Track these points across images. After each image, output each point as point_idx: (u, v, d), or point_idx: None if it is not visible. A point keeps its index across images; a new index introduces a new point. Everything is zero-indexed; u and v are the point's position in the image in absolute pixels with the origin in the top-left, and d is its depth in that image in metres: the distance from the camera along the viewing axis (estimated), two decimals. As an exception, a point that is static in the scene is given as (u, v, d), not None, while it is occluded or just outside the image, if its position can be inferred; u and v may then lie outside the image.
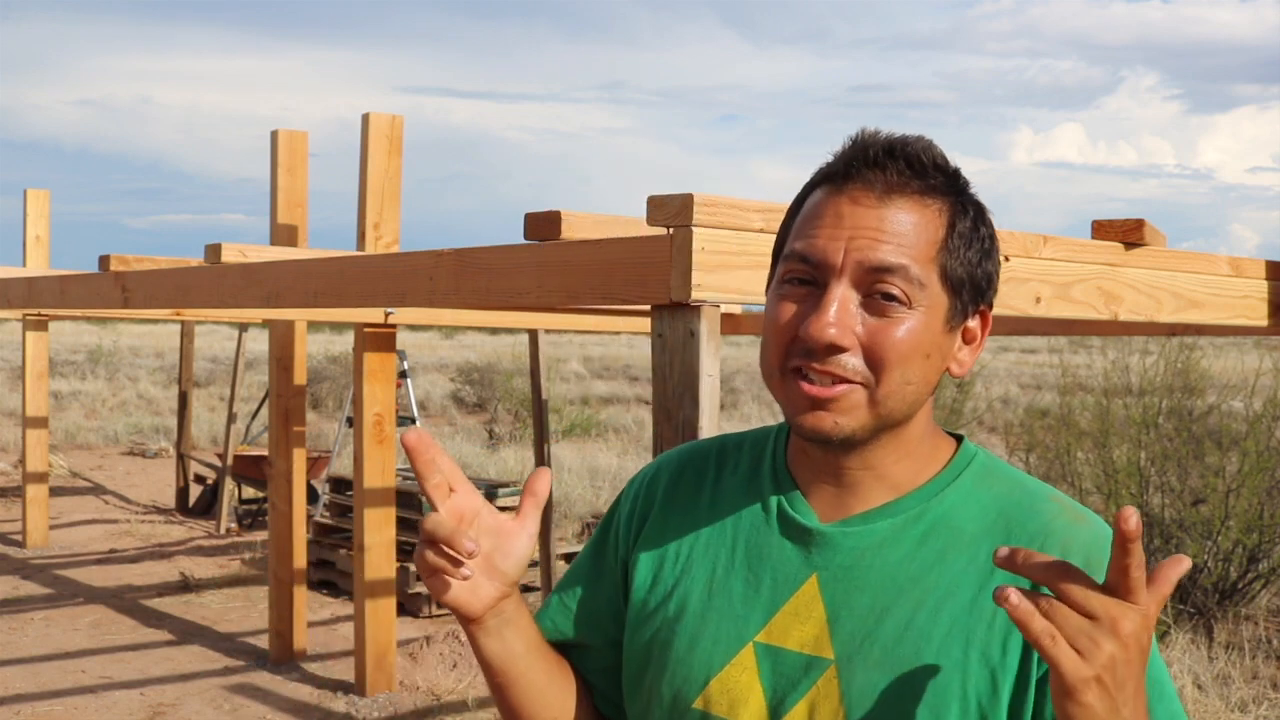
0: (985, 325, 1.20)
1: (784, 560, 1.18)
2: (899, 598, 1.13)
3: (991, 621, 1.10)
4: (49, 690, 5.81)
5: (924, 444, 1.19)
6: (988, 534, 1.14)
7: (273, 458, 6.33)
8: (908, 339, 1.10)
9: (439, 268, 2.81)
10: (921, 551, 1.14)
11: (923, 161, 1.13)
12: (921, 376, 1.13)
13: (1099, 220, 2.76)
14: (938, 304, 1.13)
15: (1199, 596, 6.86)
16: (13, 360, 22.62)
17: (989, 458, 1.22)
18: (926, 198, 1.13)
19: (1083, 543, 1.13)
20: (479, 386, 19.75)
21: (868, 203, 1.11)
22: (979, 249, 1.16)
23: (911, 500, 1.17)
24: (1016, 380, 23.23)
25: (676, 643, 1.20)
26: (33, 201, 9.03)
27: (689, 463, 1.31)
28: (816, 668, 1.13)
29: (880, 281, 1.10)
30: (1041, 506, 1.16)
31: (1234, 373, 9.11)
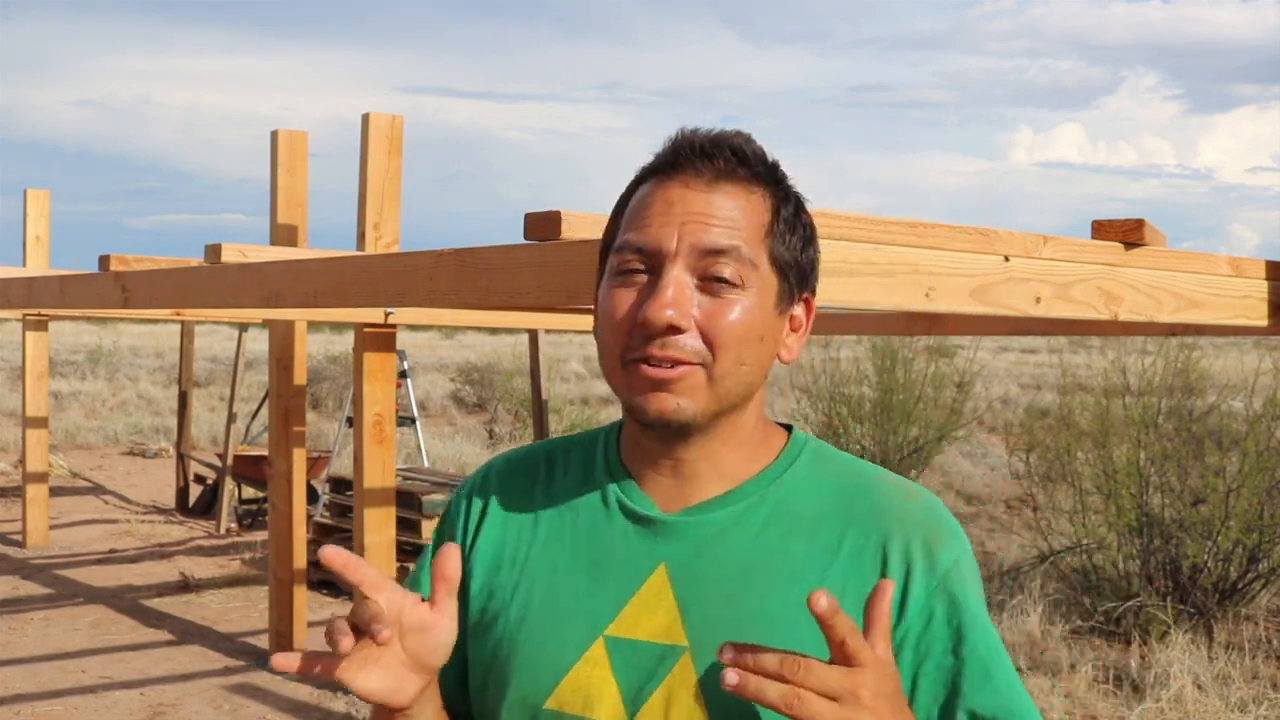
0: (810, 313, 1.24)
1: (629, 552, 1.19)
2: (747, 582, 1.16)
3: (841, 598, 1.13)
4: (49, 690, 5.81)
5: (757, 433, 1.23)
6: (827, 516, 1.19)
7: (273, 458, 6.33)
8: (742, 318, 1.14)
9: (439, 268, 2.81)
10: (764, 536, 1.18)
11: (745, 152, 1.17)
12: (755, 358, 1.16)
13: (1099, 220, 2.76)
14: (768, 286, 1.16)
15: (1199, 596, 6.85)
16: (13, 360, 22.61)
17: (819, 444, 1.27)
18: (752, 185, 1.17)
19: (916, 517, 1.19)
20: (479, 386, 19.75)
21: (698, 188, 1.15)
22: (801, 236, 1.20)
23: (750, 487, 1.20)
24: (1016, 380, 23.22)
25: (522, 646, 1.19)
26: (33, 201, 9.02)
27: (516, 468, 1.31)
28: (671, 656, 1.14)
29: (714, 264, 1.13)
30: (875, 486, 1.21)
31: (1234, 373, 9.11)
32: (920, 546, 1.16)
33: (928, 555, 1.16)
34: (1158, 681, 5.75)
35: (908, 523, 1.18)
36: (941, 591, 1.16)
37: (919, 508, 1.20)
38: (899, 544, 1.16)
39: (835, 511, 1.19)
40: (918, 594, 1.15)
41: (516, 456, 1.33)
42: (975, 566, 1.21)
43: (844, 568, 1.16)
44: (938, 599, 1.16)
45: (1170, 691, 5.55)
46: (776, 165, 1.20)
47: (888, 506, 1.19)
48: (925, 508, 1.20)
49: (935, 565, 1.16)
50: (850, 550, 1.17)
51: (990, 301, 2.44)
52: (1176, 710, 5.42)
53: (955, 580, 1.17)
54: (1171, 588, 6.91)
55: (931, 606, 1.15)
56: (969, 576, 1.18)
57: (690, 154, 1.16)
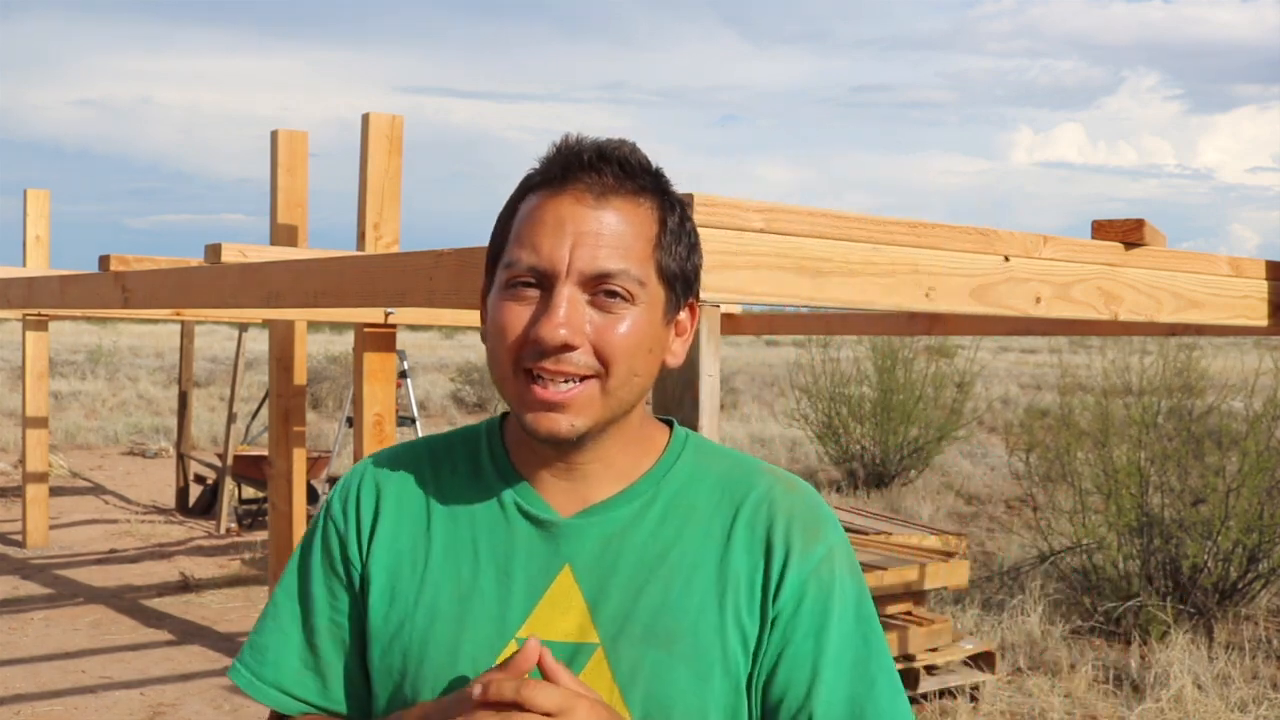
0: (694, 317, 1.28)
1: (532, 554, 1.22)
2: (651, 576, 1.20)
3: (737, 585, 1.21)
4: (49, 690, 5.81)
5: (642, 430, 1.27)
6: (718, 507, 1.24)
7: (273, 458, 6.33)
8: (632, 334, 1.18)
9: (439, 268, 2.81)
10: (662, 530, 1.23)
11: (631, 164, 1.20)
12: (646, 368, 1.20)
13: (1099, 220, 2.76)
14: (656, 299, 1.20)
15: (1199, 596, 6.85)
16: (13, 360, 22.62)
17: (698, 438, 1.32)
18: (639, 198, 1.19)
19: (796, 508, 1.25)
20: (479, 386, 19.75)
21: (587, 204, 1.17)
22: (687, 244, 1.24)
23: (643, 485, 1.25)
24: (1016, 380, 23.22)
25: (434, 651, 1.20)
26: (33, 201, 9.02)
27: (399, 468, 1.30)
28: (583, 653, 1.18)
29: (605, 282, 1.16)
30: (758, 479, 1.27)
31: (1234, 373, 9.11)
32: (799, 534, 1.23)
33: (804, 542, 1.22)
34: (1158, 681, 5.75)
35: (789, 514, 1.24)
36: (814, 577, 1.21)
37: (798, 499, 1.26)
38: (780, 531, 1.22)
39: (724, 503, 1.25)
40: (791, 578, 1.21)
41: (394, 455, 1.32)
42: (852, 558, 1.27)
43: (736, 558, 1.22)
44: (810, 584, 1.21)
45: (1170, 691, 5.55)
46: (660, 174, 1.23)
47: (770, 498, 1.25)
48: (804, 499, 1.26)
49: (810, 552, 1.22)
50: (740, 539, 1.22)
51: (990, 301, 2.43)
52: (1176, 710, 5.42)
53: (827, 568, 1.23)
54: (1171, 588, 6.91)
55: (803, 591, 1.21)
56: (843, 566, 1.24)
57: (579, 167, 1.18)
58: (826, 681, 1.20)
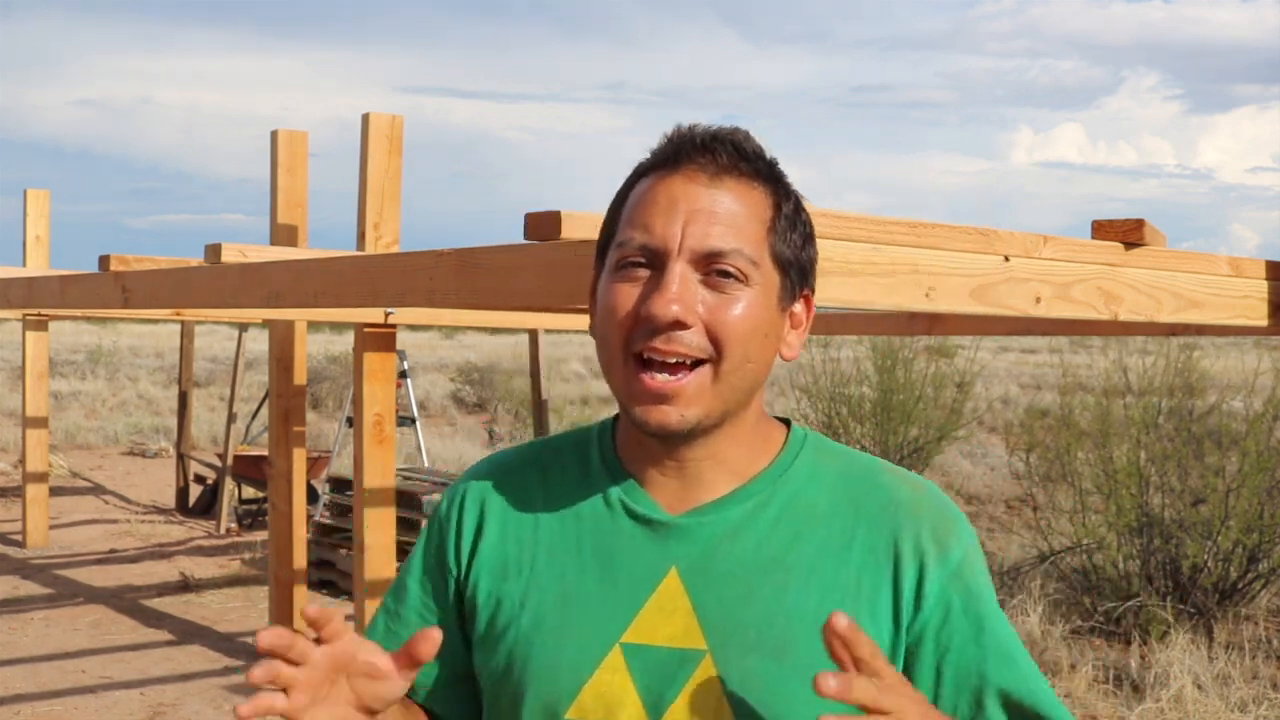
0: (809, 310, 1.23)
1: (638, 556, 1.18)
2: (763, 581, 1.15)
3: (857, 593, 1.15)
4: (49, 690, 5.81)
5: (758, 429, 1.22)
6: (838, 510, 1.19)
7: (273, 458, 6.33)
8: (748, 314, 1.13)
9: (439, 268, 2.81)
10: (777, 533, 1.17)
11: (745, 149, 1.17)
12: (760, 355, 1.16)
13: (1099, 220, 2.76)
14: (770, 283, 1.16)
15: (1199, 596, 6.85)
16: (13, 360, 22.60)
17: (818, 436, 1.26)
18: (753, 181, 1.16)
19: (924, 510, 1.19)
20: (479, 386, 19.74)
21: (700, 182, 1.14)
22: (802, 233, 1.20)
23: (758, 485, 1.20)
24: (1016, 380, 23.22)
25: (538, 656, 1.17)
26: (33, 201, 9.02)
27: (507, 472, 1.28)
28: (690, 660, 1.13)
29: (718, 260, 1.12)
30: (882, 479, 1.22)
31: (1234, 373, 9.11)
32: (931, 539, 1.17)
33: (940, 547, 1.17)
34: (1158, 681, 5.75)
35: (917, 516, 1.18)
36: (956, 581, 1.17)
37: (925, 500, 1.21)
38: (910, 538, 1.17)
39: (844, 505, 1.19)
40: (933, 586, 1.16)
41: (504, 460, 1.30)
42: (982, 553, 1.22)
43: (858, 564, 1.16)
44: (953, 589, 1.17)
45: (1170, 691, 5.55)
46: (775, 163, 1.20)
47: (896, 500, 1.19)
48: (931, 499, 1.21)
49: (948, 557, 1.17)
50: (863, 546, 1.17)
51: (990, 301, 2.43)
52: (1176, 710, 5.42)
53: (968, 570, 1.18)
54: (1171, 588, 6.91)
55: (948, 598, 1.16)
56: (979, 565, 1.20)
57: (692, 149, 1.16)
58: (995, 681, 1.16)
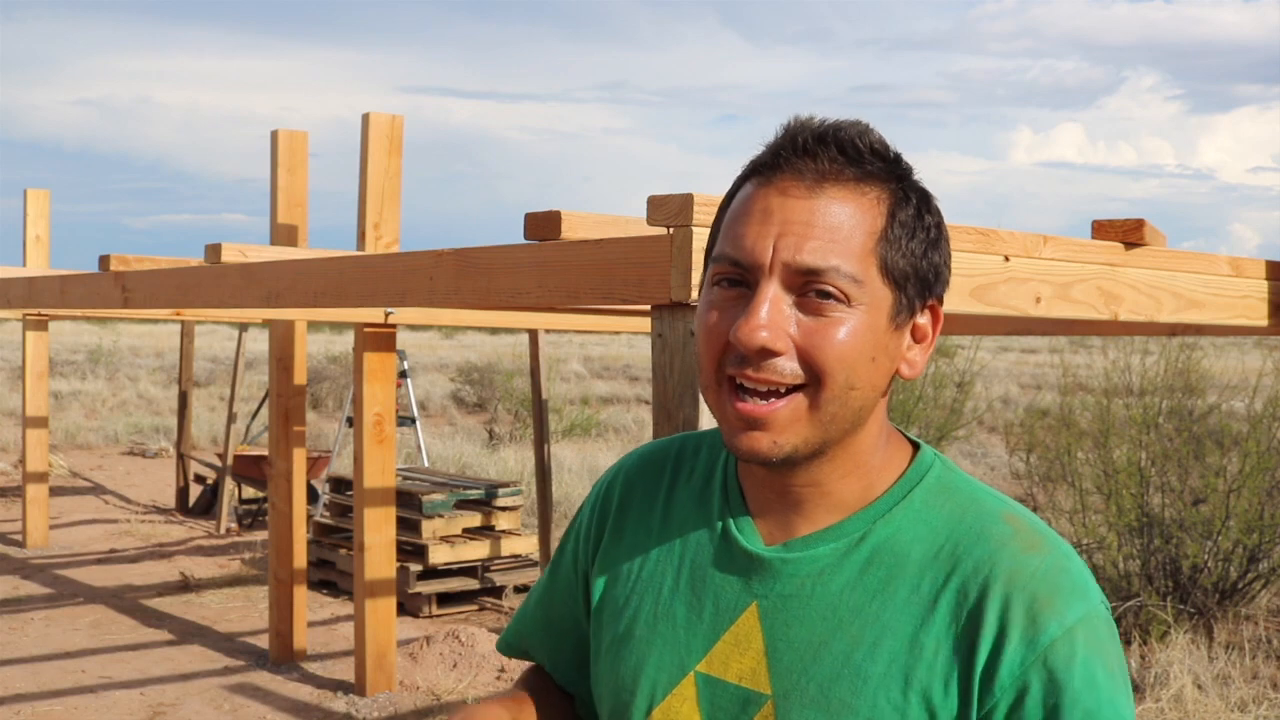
0: (937, 322, 1.11)
1: (725, 586, 1.12)
2: (838, 631, 1.06)
3: (933, 661, 1.03)
4: (49, 690, 5.81)
5: (875, 456, 1.10)
6: (933, 561, 1.06)
7: (273, 458, 6.33)
8: (848, 340, 1.03)
9: (439, 268, 2.81)
10: (864, 580, 1.07)
11: (858, 146, 1.05)
12: (868, 381, 1.05)
13: (1099, 220, 2.76)
14: (879, 300, 1.04)
15: (1199, 596, 6.85)
16: (13, 360, 22.61)
17: (946, 470, 1.12)
18: (863, 185, 1.05)
19: (1030, 574, 1.03)
20: (479, 386, 19.74)
21: (797, 194, 1.04)
22: (923, 239, 1.07)
23: (856, 522, 1.09)
24: (1016, 380, 23.22)
25: (622, 665, 1.17)
26: (33, 201, 9.03)
27: (646, 468, 1.25)
28: (754, 703, 1.08)
29: (813, 281, 1.02)
30: (992, 530, 1.06)
31: (1234, 373, 9.11)
32: (1023, 609, 1.01)
33: (1030, 621, 1.01)
34: (1158, 681, 5.75)
35: (1017, 579, 1.02)
36: (1040, 666, 1.00)
37: (1035, 563, 1.03)
38: (997, 603, 1.02)
39: (944, 557, 1.05)
40: (1011, 664, 1.00)
41: (649, 453, 1.27)
42: (1101, 641, 1.02)
43: (938, 623, 1.03)
44: (1034, 673, 1.00)
45: (1170, 691, 5.55)
46: (898, 159, 1.07)
47: (999, 558, 1.03)
48: (1046, 564, 1.03)
49: (1038, 634, 1.00)
50: (947, 604, 1.03)
51: (990, 301, 2.43)
52: (1176, 710, 5.42)
53: (1061, 654, 1.00)
54: (1171, 588, 6.91)
55: (1026, 680, 1.00)
56: (1083, 652, 1.00)
57: (791, 153, 1.05)
58: None
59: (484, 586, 7.49)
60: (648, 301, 2.23)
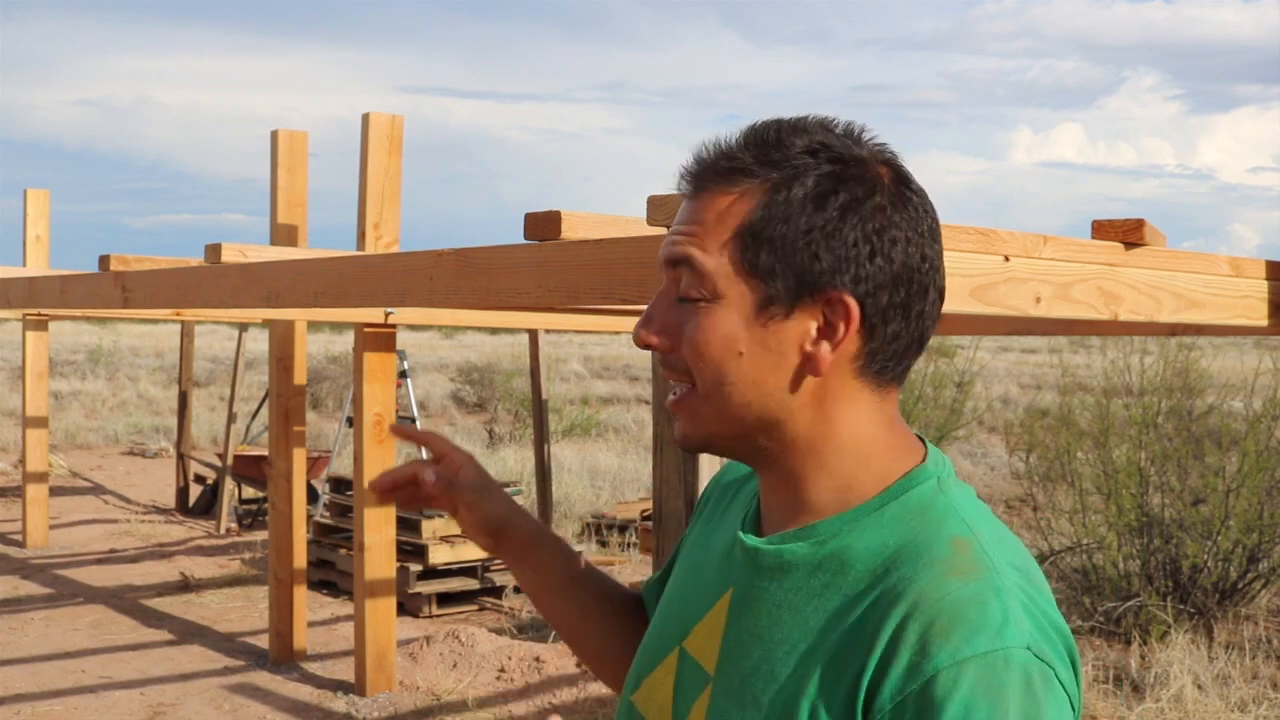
0: (848, 317, 1.02)
1: (719, 569, 1.16)
2: (773, 628, 1.05)
3: (834, 674, 0.98)
4: (49, 690, 5.81)
5: (850, 461, 1.06)
6: (868, 574, 1.01)
7: (273, 458, 6.33)
8: (701, 335, 1.03)
9: (439, 268, 2.81)
10: (809, 583, 1.05)
11: (744, 142, 1.04)
12: (742, 376, 1.03)
13: (1099, 220, 2.76)
14: (738, 293, 1.02)
15: (1199, 596, 6.86)
16: (13, 360, 22.61)
17: (937, 490, 1.06)
18: (734, 178, 1.03)
19: (938, 599, 0.95)
20: (479, 386, 19.74)
21: (687, 196, 1.08)
22: (807, 225, 1.01)
23: (828, 525, 1.05)
24: (1016, 380, 23.22)
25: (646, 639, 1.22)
26: (33, 201, 9.03)
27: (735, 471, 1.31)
28: (702, 683, 1.10)
29: (678, 276, 1.06)
30: (931, 550, 1.00)
31: (1234, 373, 9.11)
32: (917, 634, 0.94)
33: (921, 647, 0.93)
34: (1158, 681, 5.75)
35: (923, 601, 0.96)
36: (919, 697, 0.92)
37: (954, 589, 0.96)
38: (894, 622, 0.96)
39: (878, 569, 1.01)
40: (892, 688, 0.94)
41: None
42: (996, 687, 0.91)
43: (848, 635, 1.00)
44: (911, 704, 0.93)
45: (1170, 691, 5.55)
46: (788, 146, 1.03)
47: (919, 576, 0.98)
48: (964, 592, 0.96)
49: (924, 662, 0.93)
50: (858, 619, 0.99)
51: (990, 301, 2.43)
52: (1176, 710, 5.42)
53: (941, 688, 0.92)
54: (1171, 588, 6.91)
55: (903, 709, 0.93)
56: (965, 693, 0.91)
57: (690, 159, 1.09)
58: None
59: (484, 586, 7.50)
60: (647, 301, 2.23)
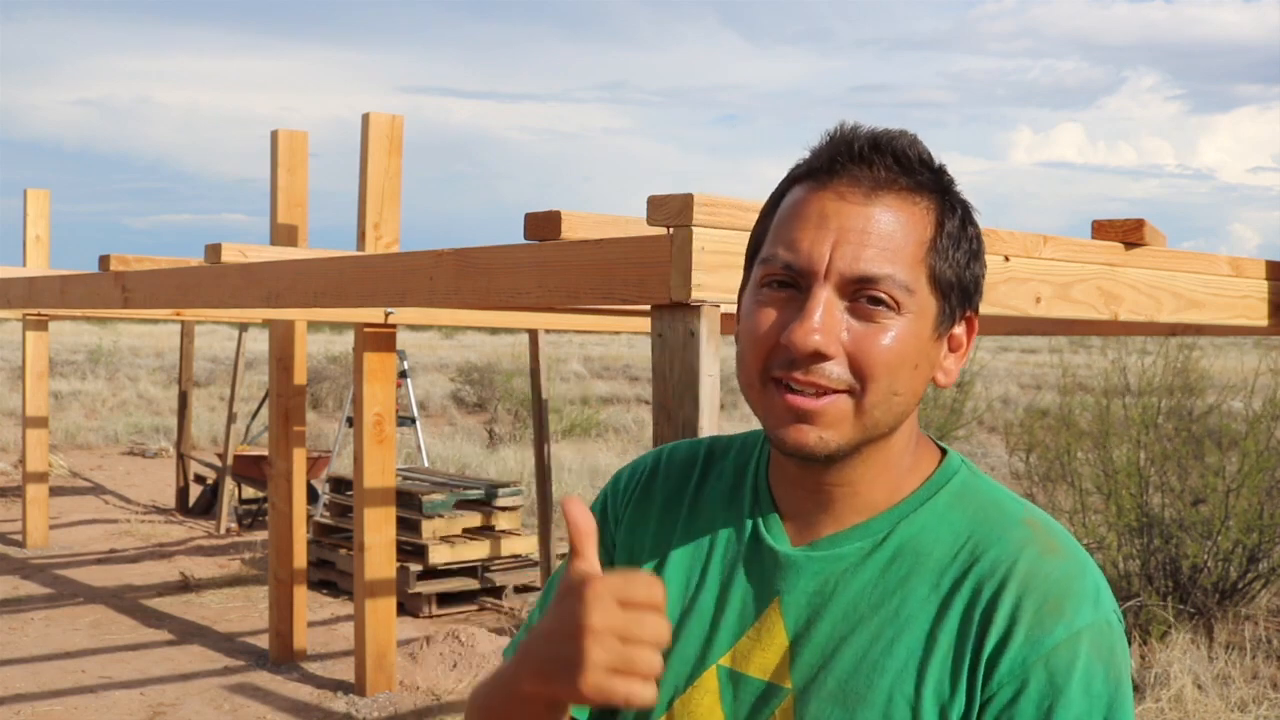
0: (972, 332, 1.14)
1: (752, 583, 1.14)
2: (859, 626, 1.08)
3: (945, 656, 1.05)
4: (49, 690, 5.81)
5: (905, 460, 1.14)
6: (953, 560, 1.08)
7: (273, 458, 6.33)
8: (895, 347, 1.05)
9: (439, 268, 2.81)
10: (886, 577, 1.09)
11: (909, 157, 1.08)
12: (909, 387, 1.08)
13: (1099, 220, 2.76)
14: (926, 309, 1.07)
15: (1199, 596, 6.85)
16: (13, 360, 22.61)
17: (972, 475, 1.15)
18: (915, 195, 1.07)
19: (1044, 577, 1.05)
20: (479, 386, 19.74)
21: (854, 200, 1.06)
22: (967, 250, 1.10)
23: (881, 521, 1.12)
24: (1016, 380, 23.22)
25: None
26: (33, 201, 9.03)
27: (679, 463, 1.27)
28: (776, 697, 1.10)
29: (866, 287, 1.05)
30: (1011, 532, 1.09)
31: (1234, 373, 9.11)
32: (1033, 609, 1.03)
33: (1038, 621, 1.03)
34: (1158, 681, 5.75)
35: (1032, 580, 1.05)
36: (1041, 666, 1.02)
37: (1050, 566, 1.06)
38: (1010, 601, 1.04)
39: (962, 554, 1.08)
40: (1013, 660, 1.02)
41: (680, 451, 1.29)
42: (1106, 650, 1.04)
43: (952, 618, 1.06)
44: (1034, 672, 1.02)
45: (1170, 691, 5.55)
46: (943, 171, 1.10)
47: (1017, 557, 1.06)
48: (1062, 568, 1.06)
49: (1044, 635, 1.02)
50: (962, 600, 1.06)
51: (990, 301, 2.43)
52: (1176, 710, 5.42)
53: (1064, 658, 1.02)
54: (1171, 588, 6.91)
55: (1026, 678, 1.02)
56: (1085, 658, 1.02)
57: (848, 159, 1.07)
58: None
59: (484, 586, 7.49)
60: (648, 301, 2.23)
